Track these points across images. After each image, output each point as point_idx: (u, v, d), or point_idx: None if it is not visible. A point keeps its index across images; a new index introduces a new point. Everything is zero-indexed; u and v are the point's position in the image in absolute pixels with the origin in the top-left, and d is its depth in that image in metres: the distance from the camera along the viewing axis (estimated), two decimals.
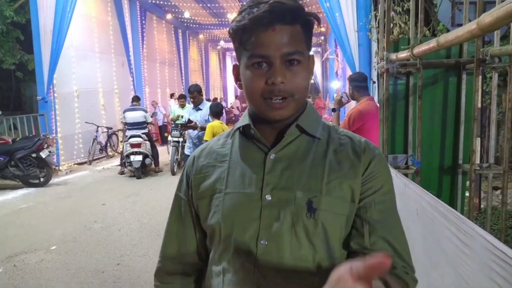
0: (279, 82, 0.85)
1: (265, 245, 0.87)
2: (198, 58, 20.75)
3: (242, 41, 0.87)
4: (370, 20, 6.76)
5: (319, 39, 20.78)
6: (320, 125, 0.97)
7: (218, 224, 0.92)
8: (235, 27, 0.87)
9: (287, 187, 0.89)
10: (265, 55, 0.85)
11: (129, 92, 11.90)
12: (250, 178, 0.91)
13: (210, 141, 1.05)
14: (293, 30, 0.86)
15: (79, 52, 9.78)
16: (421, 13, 2.76)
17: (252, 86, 0.88)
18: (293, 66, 0.86)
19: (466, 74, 2.88)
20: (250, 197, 0.90)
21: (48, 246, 4.31)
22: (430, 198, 1.66)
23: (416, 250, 1.93)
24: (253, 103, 0.90)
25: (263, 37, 0.84)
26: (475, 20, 1.33)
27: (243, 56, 0.89)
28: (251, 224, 0.88)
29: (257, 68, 0.87)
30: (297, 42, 0.86)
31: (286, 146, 0.92)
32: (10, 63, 11.80)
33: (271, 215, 0.88)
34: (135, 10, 12.70)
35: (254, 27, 0.84)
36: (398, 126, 3.03)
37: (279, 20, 0.84)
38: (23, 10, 10.87)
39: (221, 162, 0.97)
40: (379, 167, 0.92)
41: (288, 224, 0.87)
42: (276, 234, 0.87)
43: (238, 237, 0.89)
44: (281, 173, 0.90)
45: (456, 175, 2.99)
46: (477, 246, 1.15)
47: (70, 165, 9.26)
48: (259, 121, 0.93)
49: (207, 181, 0.96)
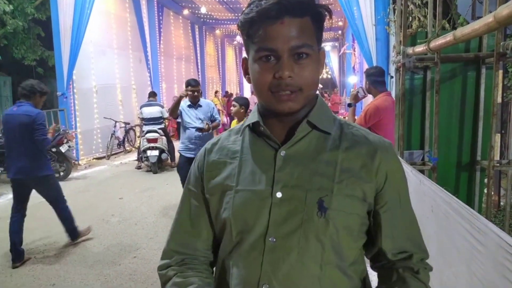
0: (286, 76, 0.83)
1: (273, 242, 0.87)
2: (214, 54, 20.80)
3: (249, 34, 0.86)
4: (388, 13, 6.65)
5: (337, 34, 20.57)
6: (332, 120, 0.95)
7: (228, 220, 0.91)
8: (243, 20, 0.86)
9: (297, 185, 0.88)
10: (273, 49, 0.84)
11: (146, 87, 12.03)
12: (261, 176, 0.90)
13: (221, 137, 1.03)
14: (302, 22, 0.84)
15: (97, 48, 9.92)
16: (440, 5, 2.70)
17: (260, 80, 0.86)
18: (302, 59, 0.85)
19: (485, 68, 2.81)
20: (260, 195, 0.89)
21: (67, 239, 4.41)
22: (444, 194, 1.63)
23: (430, 247, 1.90)
24: (261, 97, 0.90)
25: (270, 30, 0.83)
26: (492, 12, 1.29)
27: (251, 49, 0.88)
28: (260, 221, 0.88)
29: (265, 62, 0.85)
30: (306, 35, 0.85)
31: (296, 142, 0.91)
32: (31, 59, 12.05)
33: (281, 213, 0.87)
34: (152, 6, 12.79)
35: (262, 20, 0.83)
36: (415, 121, 2.98)
37: (287, 13, 0.82)
38: (43, 7, 11.07)
39: (232, 159, 0.96)
40: (396, 170, 0.92)
41: (298, 222, 0.86)
42: (285, 232, 0.87)
43: (248, 233, 0.89)
44: (291, 171, 0.89)
45: (474, 172, 2.93)
46: (490, 244, 1.13)
47: (89, 160, 9.43)
48: (269, 117, 0.92)
49: (218, 178, 0.96)
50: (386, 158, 0.91)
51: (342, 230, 0.87)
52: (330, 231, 0.86)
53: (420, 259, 0.93)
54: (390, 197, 0.91)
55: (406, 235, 0.93)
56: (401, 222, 0.93)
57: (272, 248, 0.86)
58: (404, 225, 0.94)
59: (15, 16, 10.44)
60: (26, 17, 10.78)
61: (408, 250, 0.93)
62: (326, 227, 0.86)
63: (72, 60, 8.46)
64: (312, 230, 0.86)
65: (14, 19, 10.30)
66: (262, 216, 0.88)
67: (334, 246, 0.87)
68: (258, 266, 0.87)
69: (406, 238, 0.93)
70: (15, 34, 11.11)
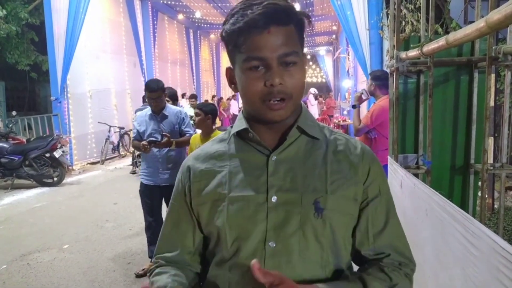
0: (277, 84, 0.84)
1: (273, 247, 0.88)
2: (209, 58, 20.81)
3: (237, 44, 0.87)
4: (381, 18, 6.70)
5: (331, 38, 20.67)
6: (317, 126, 0.98)
7: (223, 228, 0.91)
8: (229, 30, 0.87)
9: (292, 189, 0.89)
10: (262, 58, 0.85)
11: (141, 92, 11.91)
12: (254, 182, 0.91)
13: (203, 147, 1.04)
14: (288, 30, 0.86)
15: (91, 53, 9.90)
16: (432, 10, 2.72)
17: (250, 89, 0.87)
18: (290, 67, 0.86)
19: (478, 72, 2.83)
20: (255, 200, 0.90)
21: (61, 244, 4.38)
22: (439, 198, 1.64)
23: (425, 250, 1.91)
24: (251, 106, 0.90)
25: (259, 40, 0.84)
26: (484, 17, 1.30)
27: (238, 59, 0.88)
28: (258, 227, 0.89)
29: (254, 71, 0.86)
30: (292, 43, 0.87)
31: (286, 147, 0.93)
32: (25, 64, 12.00)
33: (278, 217, 0.88)
34: (147, 11, 12.80)
35: (250, 30, 0.84)
36: (409, 125, 2.99)
37: (273, 22, 0.84)
38: (37, 12, 11.04)
39: (220, 167, 0.96)
40: (379, 171, 0.95)
41: (296, 225, 0.88)
42: (284, 236, 0.88)
43: (246, 240, 0.89)
44: (284, 175, 0.90)
45: (468, 175, 2.94)
46: (484, 247, 1.14)
47: (83, 165, 9.38)
48: (256, 123, 0.93)
49: (208, 187, 0.95)
50: (373, 164, 0.94)
51: (338, 230, 0.90)
52: (327, 231, 0.88)
53: (398, 262, 0.93)
54: (369, 197, 0.93)
55: (385, 238, 0.93)
56: (379, 222, 0.94)
57: (273, 252, 0.87)
58: (383, 226, 0.94)
59: (9, 20, 10.40)
60: (20, 22, 10.75)
61: (385, 252, 0.93)
62: (324, 227, 0.88)
63: (66, 64, 8.43)
64: (311, 231, 0.87)
65: (7, 23, 10.27)
66: (260, 221, 0.88)
67: (331, 246, 0.89)
68: None
69: (385, 241, 0.93)
70: (9, 39, 11.06)
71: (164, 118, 3.58)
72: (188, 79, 17.09)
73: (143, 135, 3.57)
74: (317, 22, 16.17)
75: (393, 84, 2.90)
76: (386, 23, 5.87)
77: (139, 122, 3.64)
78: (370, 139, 3.68)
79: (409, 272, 0.93)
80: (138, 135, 3.62)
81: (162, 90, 3.55)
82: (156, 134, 3.50)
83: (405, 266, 0.93)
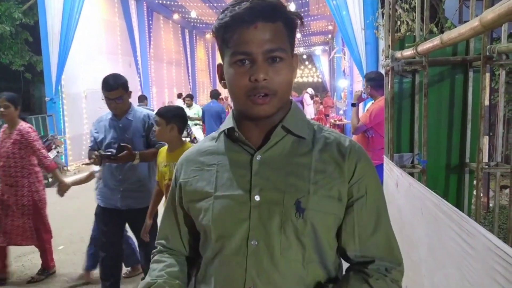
0: (261, 79, 0.85)
1: (256, 245, 0.89)
2: (205, 58, 20.80)
3: (224, 39, 0.88)
4: (377, 17, 6.72)
5: (326, 38, 20.71)
6: (306, 124, 0.97)
7: (208, 226, 0.93)
8: (218, 25, 0.88)
9: (275, 188, 0.90)
10: (248, 52, 0.85)
11: (137, 92, 11.94)
12: (238, 181, 0.92)
13: (196, 144, 1.07)
14: (275, 27, 0.86)
15: (86, 53, 9.86)
16: (427, 9, 2.72)
17: (236, 84, 0.88)
18: (276, 63, 0.87)
19: (473, 71, 2.84)
20: (239, 199, 0.91)
21: (56, 245, 4.34)
22: (434, 197, 1.64)
23: (420, 250, 1.91)
24: (237, 101, 0.91)
25: (245, 34, 0.85)
26: (477, 17, 1.31)
27: (226, 54, 0.89)
28: (241, 225, 0.90)
29: (240, 66, 0.87)
30: (279, 40, 0.87)
31: (272, 147, 0.93)
32: (19, 64, 11.91)
33: (260, 215, 0.89)
34: (142, 11, 12.77)
35: (236, 24, 0.85)
36: (404, 124, 2.99)
37: (260, 17, 0.84)
38: (31, 12, 10.97)
39: (209, 166, 0.97)
40: (366, 169, 0.93)
41: (277, 224, 0.88)
42: (266, 234, 0.88)
43: (229, 238, 0.91)
44: (268, 174, 0.91)
45: (463, 174, 2.95)
46: (480, 246, 1.14)
47: (78, 165, 9.33)
48: (244, 122, 0.94)
49: (196, 185, 0.97)
50: (360, 161, 0.92)
51: (321, 230, 0.90)
52: (308, 231, 0.88)
53: (384, 268, 0.91)
54: (355, 196, 0.91)
55: (372, 241, 0.92)
56: (366, 223, 0.92)
57: (255, 251, 0.88)
58: (370, 227, 0.92)
59: (2, 21, 10.33)
60: (14, 22, 10.66)
61: (370, 256, 0.92)
62: (305, 227, 0.88)
63: (60, 65, 8.39)
64: (292, 230, 0.88)
65: (1, 24, 10.19)
66: (242, 220, 0.90)
67: (314, 245, 0.90)
68: (243, 270, 0.89)
69: (372, 244, 0.92)
70: (2, 39, 10.98)
71: (127, 124, 2.79)
72: (183, 79, 17.06)
73: (100, 145, 2.80)
74: (313, 22, 16.19)
75: (388, 83, 2.91)
76: (382, 23, 5.89)
77: (96, 128, 2.89)
78: (367, 138, 3.70)
79: (396, 277, 0.91)
80: (95, 143, 2.84)
81: (124, 87, 2.79)
82: (117, 145, 2.70)
83: (392, 271, 0.91)
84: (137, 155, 2.68)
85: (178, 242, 1.07)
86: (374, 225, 0.92)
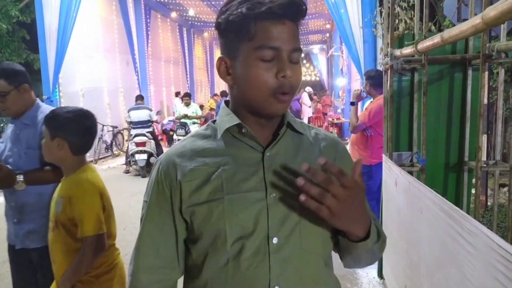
0: (289, 76, 0.84)
1: (277, 243, 0.88)
2: (203, 56, 20.74)
3: (247, 32, 0.83)
4: (375, 16, 6.71)
5: (324, 36, 20.69)
6: (298, 121, 1.00)
7: (223, 229, 0.88)
8: (240, 16, 0.82)
9: (288, 183, 0.89)
10: (277, 47, 0.83)
11: (134, 90, 11.93)
12: (250, 179, 0.90)
13: (184, 143, 0.97)
14: (295, 27, 0.87)
15: (84, 51, 9.81)
16: (426, 7, 2.71)
17: (261, 80, 0.84)
18: (294, 63, 0.87)
19: (472, 70, 2.83)
20: (254, 198, 0.88)
21: None
22: (434, 196, 1.63)
23: (420, 249, 1.90)
24: (256, 97, 0.87)
25: (275, 29, 0.83)
26: (479, 14, 1.30)
27: (244, 48, 0.85)
28: (260, 224, 0.88)
29: (265, 62, 0.84)
30: (298, 39, 0.88)
31: (277, 143, 0.93)
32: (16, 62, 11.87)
33: (279, 212, 0.88)
34: (139, 9, 12.70)
35: (267, 18, 0.82)
36: (403, 123, 2.99)
37: (288, 15, 0.84)
38: (28, 10, 10.90)
39: (211, 165, 0.91)
40: (348, 158, 1.03)
41: (296, 219, 0.88)
42: (286, 230, 0.88)
43: (248, 239, 0.87)
44: (279, 170, 0.90)
45: (462, 173, 2.95)
46: (481, 245, 1.13)
47: None
48: (250, 119, 0.92)
49: (201, 186, 0.90)
50: (341, 150, 1.01)
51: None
52: (323, 225, 0.90)
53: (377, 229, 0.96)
54: None
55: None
56: None
57: (277, 248, 0.87)
58: None
59: None
60: (10, 20, 10.61)
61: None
62: (320, 221, 0.87)
63: (58, 63, 8.34)
64: (309, 225, 0.89)
65: None
66: (261, 218, 0.88)
67: (328, 234, 0.93)
68: (266, 269, 0.86)
69: None
70: None
71: (23, 131, 2.03)
72: (181, 77, 17.02)
73: (1, 156, 2.07)
74: (311, 20, 16.17)
75: (387, 82, 2.90)
76: (380, 21, 5.88)
77: (2, 136, 2.22)
78: (366, 136, 3.70)
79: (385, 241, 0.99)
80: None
81: (9, 80, 1.96)
82: (13, 157, 2.01)
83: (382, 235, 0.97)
84: (19, 177, 1.90)
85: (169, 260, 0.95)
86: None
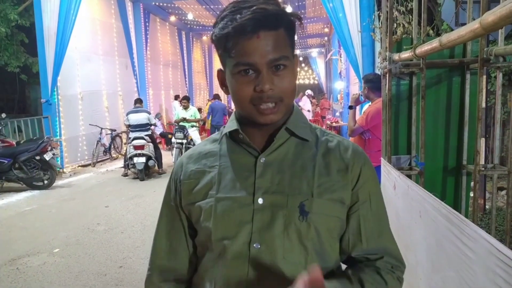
0: (267, 89, 0.84)
1: (258, 249, 0.88)
2: (202, 60, 20.76)
3: (226, 49, 0.86)
4: (373, 20, 6.73)
5: (323, 40, 20.74)
6: (308, 128, 0.97)
7: (209, 229, 0.91)
8: (219, 35, 0.86)
9: (278, 191, 0.89)
10: (251, 63, 0.84)
11: (133, 94, 11.93)
12: (241, 183, 0.91)
13: (196, 146, 1.04)
14: (277, 35, 0.85)
15: (83, 55, 9.81)
16: (424, 12, 2.72)
17: (240, 94, 0.87)
18: (280, 71, 0.86)
19: (470, 74, 2.84)
20: (241, 201, 0.90)
21: (51, 248, 4.31)
22: (433, 200, 1.63)
23: (418, 252, 1.90)
24: (242, 109, 0.90)
25: (248, 45, 0.83)
26: (478, 19, 1.30)
27: (228, 63, 0.88)
28: (243, 228, 0.89)
29: (244, 76, 0.85)
30: (282, 47, 0.86)
31: (276, 149, 0.93)
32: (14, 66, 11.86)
33: (263, 218, 0.88)
34: (138, 13, 12.73)
35: (238, 35, 0.83)
36: (402, 126, 2.99)
37: (262, 27, 0.83)
38: (27, 13, 10.93)
39: (210, 168, 0.96)
40: (369, 174, 0.95)
41: (281, 227, 0.88)
42: (269, 238, 0.88)
43: (231, 241, 0.89)
44: (272, 177, 0.91)
45: (461, 176, 2.95)
46: (480, 250, 1.13)
47: (74, 167, 9.28)
48: (247, 124, 0.93)
49: (198, 187, 0.95)
50: (364, 167, 0.94)
51: (324, 233, 0.90)
52: (311, 234, 0.88)
53: (391, 265, 0.94)
54: (360, 199, 0.93)
55: (379, 241, 0.94)
56: (372, 225, 0.94)
57: (257, 254, 0.87)
58: (377, 228, 0.95)
59: None
60: (9, 23, 10.63)
61: (378, 254, 0.94)
62: (308, 230, 0.88)
63: (56, 66, 8.35)
64: (295, 233, 0.88)
65: None
66: (245, 223, 0.88)
67: (316, 249, 0.89)
68: (244, 273, 0.87)
69: (379, 243, 0.94)
70: None
71: None
72: (180, 81, 17.02)
73: None
74: (309, 24, 16.22)
75: (385, 85, 2.91)
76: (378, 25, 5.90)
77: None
78: (364, 140, 3.70)
79: (401, 276, 0.95)
80: None
81: None
82: None
83: (397, 269, 0.94)
84: None
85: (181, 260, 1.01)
86: (380, 228, 0.95)
